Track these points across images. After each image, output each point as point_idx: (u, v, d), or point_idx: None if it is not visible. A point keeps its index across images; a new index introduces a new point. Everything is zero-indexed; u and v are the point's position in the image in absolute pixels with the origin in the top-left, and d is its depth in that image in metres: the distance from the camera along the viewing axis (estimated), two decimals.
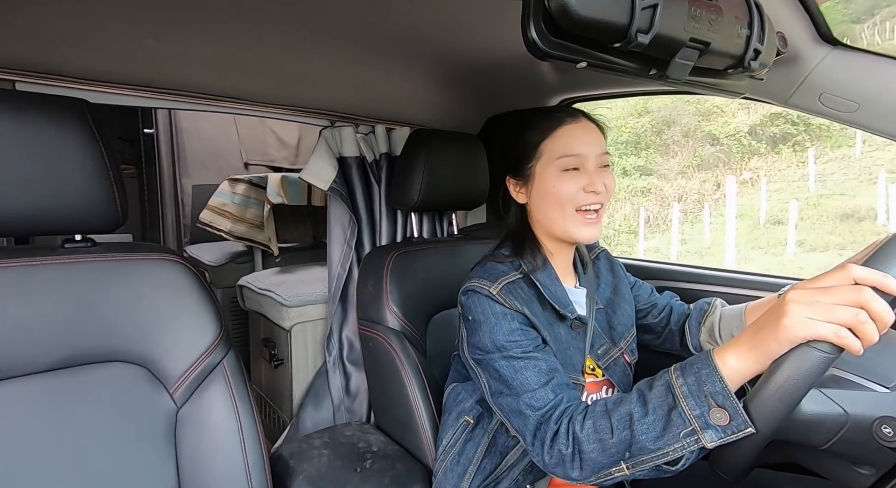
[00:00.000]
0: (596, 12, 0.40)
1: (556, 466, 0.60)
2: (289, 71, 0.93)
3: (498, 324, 0.67)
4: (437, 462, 0.81)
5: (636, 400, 0.55)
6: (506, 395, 0.65)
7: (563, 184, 0.70)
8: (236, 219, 1.89)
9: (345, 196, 1.16)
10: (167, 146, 2.61)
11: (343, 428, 1.03)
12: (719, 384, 0.49)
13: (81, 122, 0.63)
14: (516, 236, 0.78)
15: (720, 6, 0.48)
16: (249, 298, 1.72)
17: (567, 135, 0.72)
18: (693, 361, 0.53)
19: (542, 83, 1.12)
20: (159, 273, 0.69)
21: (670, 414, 0.51)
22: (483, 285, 0.70)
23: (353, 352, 1.24)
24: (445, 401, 0.84)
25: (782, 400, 0.45)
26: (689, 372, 0.51)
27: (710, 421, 0.48)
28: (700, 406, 0.49)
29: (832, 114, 0.71)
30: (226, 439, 0.69)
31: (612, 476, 0.56)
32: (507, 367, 0.65)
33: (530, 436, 0.62)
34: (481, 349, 0.68)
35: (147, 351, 0.67)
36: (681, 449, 0.50)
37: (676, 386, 0.51)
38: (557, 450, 0.59)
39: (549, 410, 0.62)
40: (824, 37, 0.68)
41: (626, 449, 0.53)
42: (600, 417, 0.57)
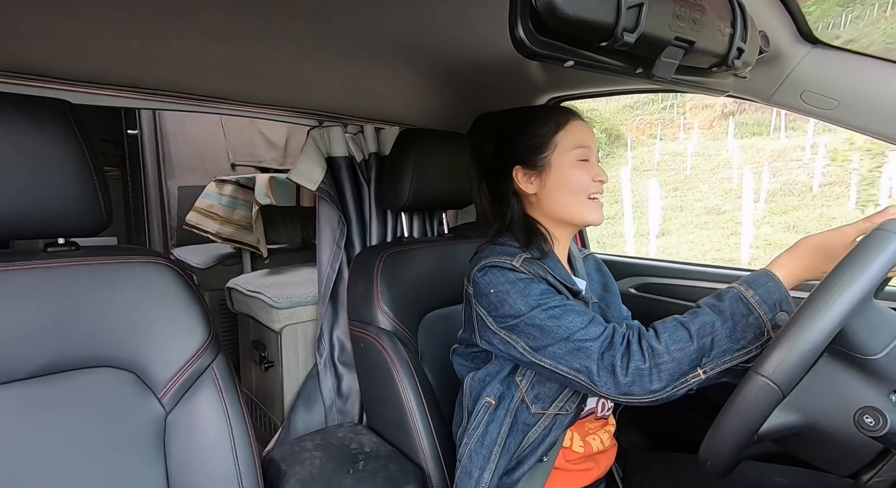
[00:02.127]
0: (583, 11, 0.40)
1: (632, 384, 0.61)
2: (276, 71, 0.92)
3: (527, 287, 0.69)
4: (461, 447, 0.80)
5: (710, 311, 0.62)
6: (553, 344, 0.66)
7: (579, 172, 0.76)
8: (224, 220, 1.87)
9: (334, 196, 1.15)
10: (152, 147, 2.56)
11: (335, 429, 1.02)
12: (783, 291, 0.60)
13: (63, 123, 0.61)
14: (522, 227, 0.79)
15: (704, 5, 0.49)
16: (238, 301, 1.71)
17: (578, 130, 0.77)
18: (757, 277, 0.62)
19: (531, 82, 1.12)
20: (145, 276, 0.68)
21: (747, 318, 0.60)
22: (503, 260, 0.72)
23: (345, 353, 1.24)
24: (468, 392, 0.82)
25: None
26: (758, 285, 0.61)
27: (779, 323, 0.59)
28: (772, 310, 0.59)
29: (813, 111, 0.73)
30: (216, 443, 0.68)
31: (688, 382, 0.61)
32: (547, 319, 0.67)
33: (595, 366, 0.63)
34: (513, 315, 0.69)
35: (134, 356, 0.66)
36: (760, 347, 0.59)
37: (748, 296, 0.61)
38: (634, 367, 0.61)
39: (607, 338, 0.64)
40: (805, 36, 0.70)
41: (705, 354, 0.60)
42: (675, 329, 0.62)
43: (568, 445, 0.78)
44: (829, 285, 0.47)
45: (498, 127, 0.83)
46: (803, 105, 0.73)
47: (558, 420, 0.74)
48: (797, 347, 0.46)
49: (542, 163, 0.77)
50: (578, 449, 0.79)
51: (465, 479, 0.77)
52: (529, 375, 0.75)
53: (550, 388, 0.74)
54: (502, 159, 0.80)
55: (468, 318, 0.78)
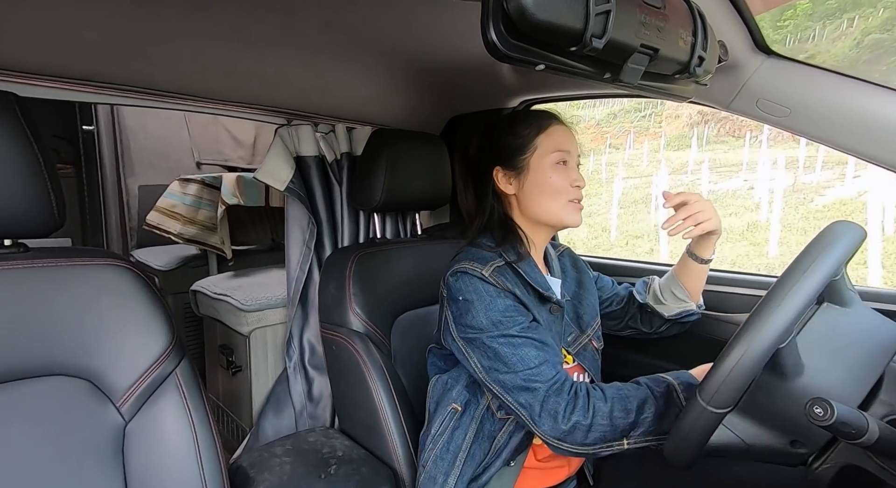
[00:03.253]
0: (552, 16, 0.41)
1: (568, 434, 0.64)
2: (243, 66, 0.89)
3: (493, 301, 0.70)
4: (425, 451, 0.80)
5: (649, 393, 0.67)
6: (505, 372, 0.68)
7: (557, 175, 0.77)
8: (187, 220, 1.80)
9: (303, 196, 1.13)
10: (109, 144, 2.44)
11: (306, 434, 1.00)
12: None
13: (9, 116, 0.58)
14: (499, 227, 0.80)
15: (667, 15, 0.51)
16: (204, 304, 1.65)
17: (559, 133, 0.79)
18: (686, 378, 0.69)
19: (503, 85, 1.14)
20: (102, 279, 0.65)
21: (673, 409, 0.65)
22: (474, 267, 0.72)
23: (315, 355, 1.21)
24: (431, 393, 0.83)
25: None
26: (686, 385, 0.67)
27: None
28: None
29: (768, 118, 0.77)
30: (180, 452, 0.66)
31: (612, 448, 0.65)
32: (504, 345, 0.68)
33: (539, 407, 0.65)
34: (474, 327, 0.70)
35: (90, 363, 0.63)
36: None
37: (679, 391, 0.66)
38: (575, 420, 0.63)
39: (556, 384, 0.66)
40: (760, 46, 0.73)
41: (634, 429, 0.64)
42: (622, 399, 0.66)
43: (539, 443, 0.80)
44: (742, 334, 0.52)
45: (483, 127, 0.84)
46: (759, 112, 0.77)
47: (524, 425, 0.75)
48: (734, 371, 0.51)
49: (521, 164, 0.78)
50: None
51: (429, 484, 0.78)
52: None
53: None
54: (484, 159, 0.82)
55: (441, 319, 0.78)
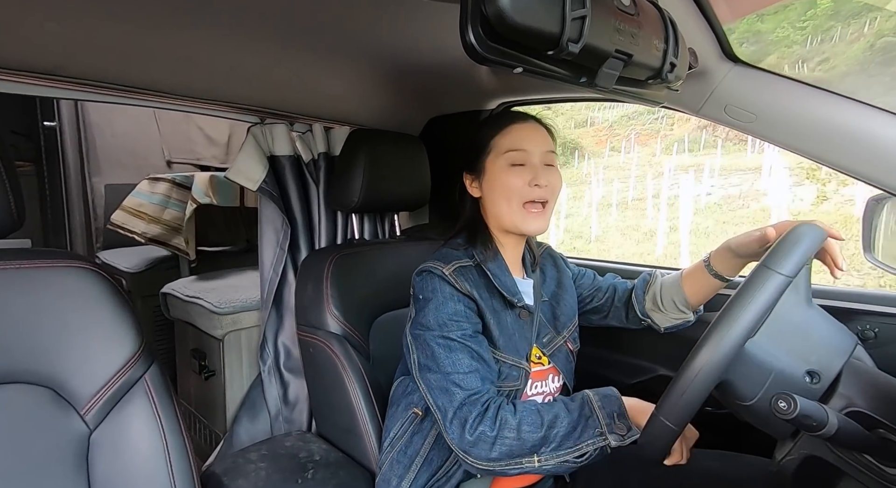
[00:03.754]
0: (530, 20, 0.42)
1: (473, 445, 0.63)
2: (216, 63, 0.87)
3: (445, 302, 0.71)
4: (383, 454, 0.80)
5: (562, 406, 0.67)
6: (434, 372, 0.69)
7: (510, 177, 0.75)
8: (151, 219, 1.75)
9: (276, 197, 1.11)
10: (73, 141, 2.34)
11: (282, 438, 0.98)
12: (622, 407, 0.67)
13: None
14: (470, 228, 0.81)
15: (640, 22, 0.52)
16: (175, 306, 1.60)
17: (515, 133, 0.77)
18: (605, 391, 0.69)
19: (482, 86, 1.14)
20: (65, 281, 0.62)
21: (588, 420, 0.65)
22: (437, 266, 0.73)
23: (291, 359, 1.19)
24: (393, 394, 0.84)
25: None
26: (603, 396, 0.68)
27: (614, 430, 0.65)
28: (609, 417, 0.65)
29: (735, 123, 0.80)
30: (149, 460, 0.63)
31: (522, 465, 0.63)
32: (442, 346, 0.69)
33: (451, 413, 0.66)
34: (423, 325, 0.71)
35: (52, 370, 0.60)
36: (591, 445, 0.64)
37: (594, 402, 0.67)
38: (482, 431, 0.63)
39: (475, 394, 0.66)
40: (728, 54, 0.76)
41: (545, 444, 0.64)
42: (532, 413, 0.66)
43: None
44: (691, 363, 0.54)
45: (462, 130, 0.86)
46: (726, 118, 0.80)
47: None
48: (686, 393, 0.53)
49: (479, 167, 0.79)
50: None
51: (383, 487, 0.78)
52: None
53: None
54: (458, 163, 0.84)
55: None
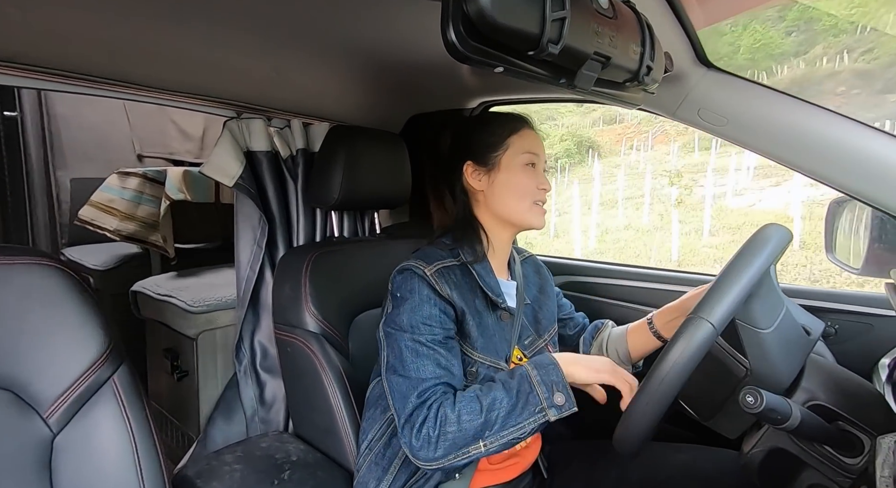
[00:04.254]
0: (510, 19, 0.42)
1: (420, 449, 0.64)
2: (190, 54, 0.84)
3: (420, 305, 0.71)
4: (361, 457, 0.80)
5: (501, 387, 0.67)
6: (398, 375, 0.69)
7: (525, 177, 0.80)
8: (125, 216, 1.69)
9: (253, 193, 1.09)
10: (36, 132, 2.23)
11: (258, 439, 0.97)
12: (561, 376, 0.67)
13: None
14: (461, 225, 0.81)
15: (618, 25, 0.53)
16: (146, 305, 1.55)
17: (530, 136, 0.81)
18: (542, 359, 0.69)
19: (463, 86, 1.14)
20: (27, 279, 0.59)
21: (528, 397, 0.65)
22: (419, 265, 0.73)
23: (268, 358, 1.17)
24: (369, 396, 0.83)
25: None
26: (541, 367, 0.68)
27: (554, 402, 0.65)
28: (548, 390, 0.66)
29: (708, 127, 0.82)
30: (117, 464, 0.61)
31: (469, 454, 0.64)
32: (410, 349, 0.69)
33: (403, 419, 0.66)
34: (396, 324, 0.71)
35: (12, 371, 0.57)
36: (532, 422, 0.65)
37: (532, 376, 0.67)
38: (425, 433, 0.64)
39: (427, 399, 0.66)
40: (701, 59, 0.78)
41: (488, 429, 0.64)
42: (470, 401, 0.66)
43: None
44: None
45: (455, 124, 0.86)
46: (700, 121, 0.82)
47: None
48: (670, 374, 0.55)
49: (492, 161, 0.80)
50: None
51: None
52: None
53: None
54: (455, 155, 0.83)
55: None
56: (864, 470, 0.57)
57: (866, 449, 0.58)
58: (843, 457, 0.59)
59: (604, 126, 18.17)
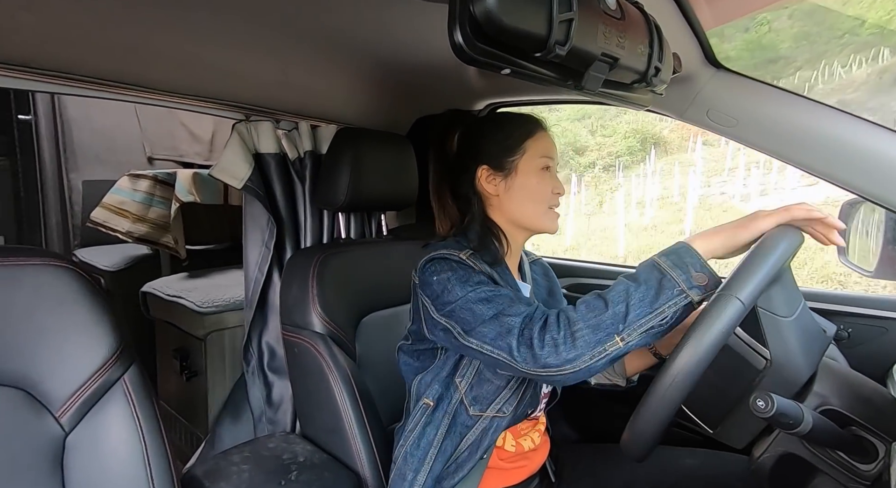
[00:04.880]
0: (517, 21, 0.42)
1: (548, 355, 0.60)
2: (199, 58, 0.85)
3: (467, 275, 0.70)
4: (397, 448, 0.80)
5: (626, 280, 0.63)
6: (480, 325, 0.66)
7: (542, 181, 0.78)
8: (136, 218, 1.71)
9: (262, 195, 1.10)
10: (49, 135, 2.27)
11: (266, 440, 0.97)
12: (696, 257, 0.61)
13: None
14: (479, 228, 0.79)
15: (626, 26, 0.53)
16: (156, 306, 1.57)
17: (545, 139, 0.80)
18: (670, 247, 0.64)
19: (469, 87, 1.15)
20: (40, 280, 0.60)
21: (661, 282, 0.60)
22: (451, 253, 0.72)
23: (275, 359, 1.18)
24: (413, 394, 0.82)
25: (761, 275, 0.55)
26: (670, 253, 0.63)
27: (694, 283, 0.59)
28: (685, 272, 0.60)
29: (717, 128, 0.81)
30: (127, 463, 0.62)
31: (608, 351, 0.59)
32: (478, 302, 0.67)
33: (515, 342, 0.62)
34: (450, 301, 0.69)
35: (25, 370, 0.58)
36: (673, 305, 0.59)
37: (661, 262, 0.62)
38: (550, 337, 0.61)
39: (528, 315, 0.64)
40: (710, 60, 0.78)
41: (622, 321, 0.59)
42: (592, 299, 0.63)
43: (500, 445, 0.80)
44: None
45: (464, 125, 0.83)
46: (709, 122, 0.81)
47: (496, 422, 0.76)
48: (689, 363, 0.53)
49: (509, 166, 0.78)
50: (511, 448, 0.81)
51: (398, 482, 0.77)
52: (469, 376, 0.75)
53: (488, 390, 0.75)
54: (467, 158, 0.80)
55: (416, 310, 0.77)
56: (879, 477, 0.56)
57: (881, 456, 0.57)
58: (857, 463, 0.58)
59: (674, 121, 17.49)
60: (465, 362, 0.76)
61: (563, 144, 13.79)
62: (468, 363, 0.76)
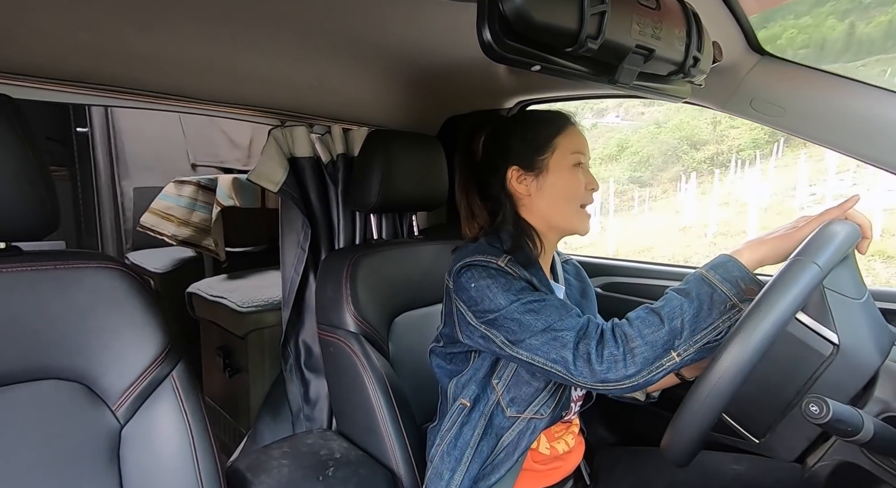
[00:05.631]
0: (548, 16, 0.41)
1: (607, 371, 0.61)
2: (238, 68, 0.89)
3: (509, 283, 0.69)
4: (433, 447, 0.80)
5: (677, 295, 0.63)
6: (530, 337, 0.65)
7: (574, 178, 0.76)
8: (181, 222, 1.80)
9: (297, 198, 1.13)
10: (104, 146, 2.43)
11: (304, 436, 1.00)
12: (743, 269, 0.62)
13: (5, 119, 0.57)
14: (512, 229, 0.77)
15: (662, 15, 0.51)
16: (201, 306, 1.64)
17: (576, 135, 0.78)
18: (716, 260, 0.64)
19: (499, 85, 1.14)
20: (97, 282, 0.64)
21: (712, 297, 0.61)
22: (489, 260, 0.71)
23: (312, 357, 1.21)
24: (450, 396, 0.81)
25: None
26: (717, 266, 0.63)
27: (746, 296, 0.60)
28: (734, 286, 0.61)
29: (762, 118, 0.77)
30: (176, 455, 0.65)
31: (664, 366, 0.61)
32: (525, 313, 0.66)
33: (571, 356, 0.63)
34: (493, 309, 0.68)
35: (84, 366, 0.62)
36: (727, 320, 0.60)
37: (710, 276, 0.62)
38: (609, 353, 0.61)
39: (582, 328, 0.64)
40: (754, 46, 0.74)
41: (677, 337, 0.60)
42: (647, 315, 0.63)
43: (535, 447, 0.79)
44: (752, 312, 0.52)
45: (491, 126, 0.82)
46: (753, 112, 0.77)
47: (533, 424, 0.75)
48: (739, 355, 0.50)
49: (539, 165, 0.76)
50: (545, 451, 0.80)
51: (435, 480, 0.77)
52: (506, 378, 0.75)
53: (526, 392, 0.74)
54: (496, 158, 0.79)
55: (448, 314, 0.77)
56: None
57: None
58: None
59: None
60: (501, 364, 0.76)
61: (679, 138, 12.90)
62: (505, 365, 0.75)
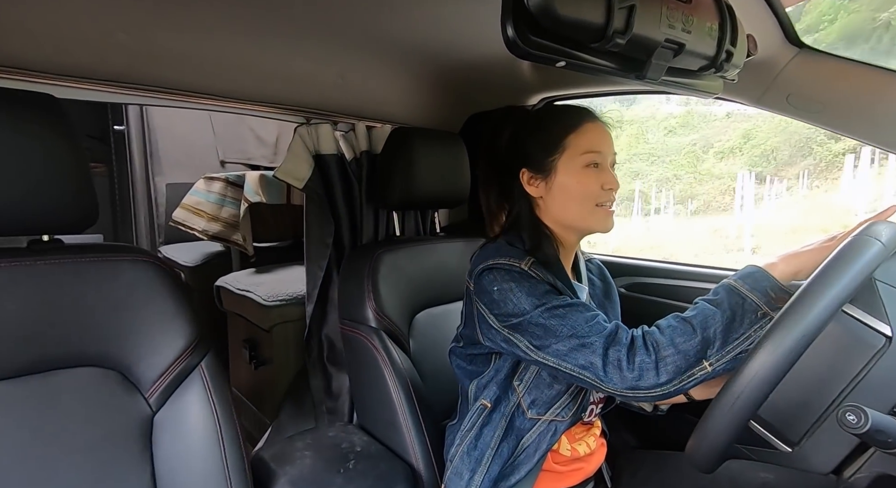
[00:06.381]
0: (574, 11, 0.41)
1: (638, 378, 0.60)
2: (265, 67, 0.91)
3: (533, 287, 0.68)
4: (453, 447, 0.80)
5: (706, 305, 0.62)
6: (556, 342, 0.65)
7: (586, 179, 0.73)
8: (211, 217, 1.85)
9: (321, 195, 1.14)
10: (139, 143, 2.52)
11: (326, 429, 1.02)
12: (772, 280, 0.62)
13: (49, 118, 0.60)
14: (530, 230, 0.76)
15: (693, 8, 0.50)
16: (228, 299, 1.69)
17: (591, 132, 0.74)
18: (744, 270, 0.64)
19: (523, 82, 1.13)
20: (132, 274, 0.67)
21: (743, 306, 0.61)
22: (512, 263, 0.70)
23: (334, 352, 1.23)
24: (471, 397, 0.81)
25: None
26: (746, 276, 0.63)
27: (776, 305, 0.59)
28: (764, 295, 0.61)
29: (799, 114, 0.74)
30: (204, 442, 0.68)
31: (696, 376, 0.60)
32: (551, 318, 0.65)
33: (601, 362, 0.62)
34: (517, 313, 0.67)
35: (120, 354, 0.65)
36: (759, 329, 0.59)
37: (739, 286, 0.62)
38: (640, 361, 0.60)
39: (611, 334, 0.63)
40: (791, 39, 0.71)
41: (709, 347, 0.60)
42: (679, 324, 0.62)
43: (556, 449, 0.79)
44: (807, 291, 0.51)
45: (513, 123, 0.80)
46: (789, 108, 0.74)
47: (554, 426, 0.74)
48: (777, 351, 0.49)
49: (549, 166, 0.74)
50: (566, 452, 0.79)
51: (455, 480, 0.77)
52: (527, 380, 0.74)
53: (548, 394, 0.74)
54: (512, 159, 0.78)
55: (469, 315, 0.77)
56: None
57: None
58: None
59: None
60: (522, 366, 0.75)
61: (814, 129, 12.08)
62: (526, 367, 0.75)
